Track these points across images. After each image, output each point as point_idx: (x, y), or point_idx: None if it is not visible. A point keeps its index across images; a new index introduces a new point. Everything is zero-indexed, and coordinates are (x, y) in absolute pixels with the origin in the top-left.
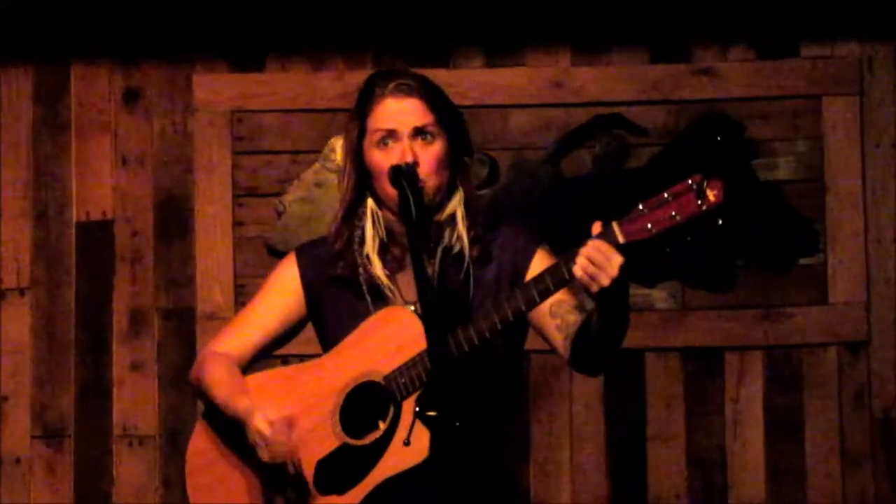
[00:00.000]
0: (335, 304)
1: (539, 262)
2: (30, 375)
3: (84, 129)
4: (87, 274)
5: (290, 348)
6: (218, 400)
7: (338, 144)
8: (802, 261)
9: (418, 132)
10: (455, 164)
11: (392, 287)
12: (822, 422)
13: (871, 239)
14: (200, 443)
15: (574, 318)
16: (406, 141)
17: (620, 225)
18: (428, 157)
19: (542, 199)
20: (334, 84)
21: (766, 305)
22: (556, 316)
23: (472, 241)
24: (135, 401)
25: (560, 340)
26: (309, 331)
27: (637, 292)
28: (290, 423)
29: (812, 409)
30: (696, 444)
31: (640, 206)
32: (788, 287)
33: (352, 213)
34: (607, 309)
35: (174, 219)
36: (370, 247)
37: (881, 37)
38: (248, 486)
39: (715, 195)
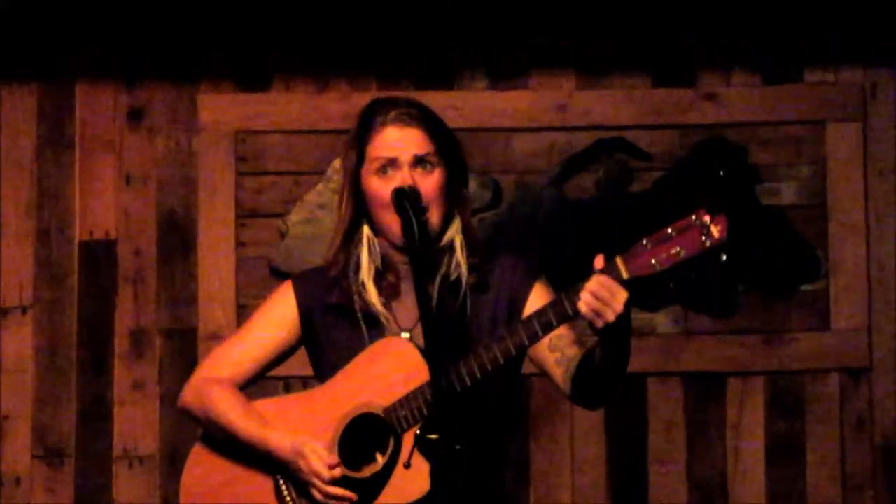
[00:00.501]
0: (331, 331)
1: (537, 295)
2: (31, 394)
3: (88, 147)
4: (90, 293)
5: (291, 369)
6: (242, 434)
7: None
8: (804, 287)
9: (419, 161)
10: (453, 193)
11: (387, 315)
12: (823, 448)
13: (874, 265)
14: (198, 470)
15: (573, 352)
16: (406, 169)
17: (624, 260)
18: (428, 186)
19: (545, 222)
20: (339, 105)
21: (768, 331)
22: (556, 349)
23: (469, 269)
24: (136, 421)
25: (560, 374)
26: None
27: (639, 317)
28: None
29: (813, 436)
30: (698, 469)
31: (644, 242)
32: (790, 313)
33: (348, 240)
34: (610, 344)
35: (177, 238)
36: (365, 274)
37: (885, 63)
38: None
39: (719, 231)
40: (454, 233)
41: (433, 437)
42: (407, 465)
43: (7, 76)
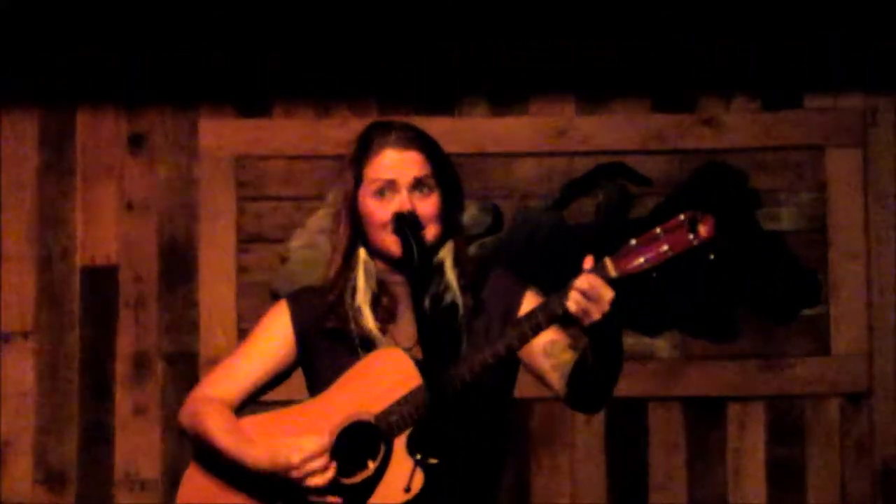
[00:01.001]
0: (327, 356)
1: (528, 303)
2: (32, 419)
3: (89, 174)
4: (91, 318)
5: (293, 394)
6: (225, 451)
7: None
8: (804, 311)
9: (417, 184)
10: (448, 217)
11: (383, 339)
12: (823, 473)
13: (874, 290)
14: (192, 485)
15: (568, 357)
16: (405, 192)
17: (613, 260)
18: (426, 209)
19: (545, 247)
20: (339, 131)
21: (767, 356)
22: (551, 356)
23: (462, 291)
24: (137, 445)
25: (556, 379)
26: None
27: (639, 341)
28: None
29: (813, 460)
30: (698, 494)
31: (633, 242)
32: (790, 337)
33: (346, 263)
34: (600, 344)
35: (178, 264)
36: (362, 298)
37: (884, 88)
38: None
39: (706, 230)
40: (445, 254)
41: (433, 461)
42: (407, 490)
43: (8, 102)
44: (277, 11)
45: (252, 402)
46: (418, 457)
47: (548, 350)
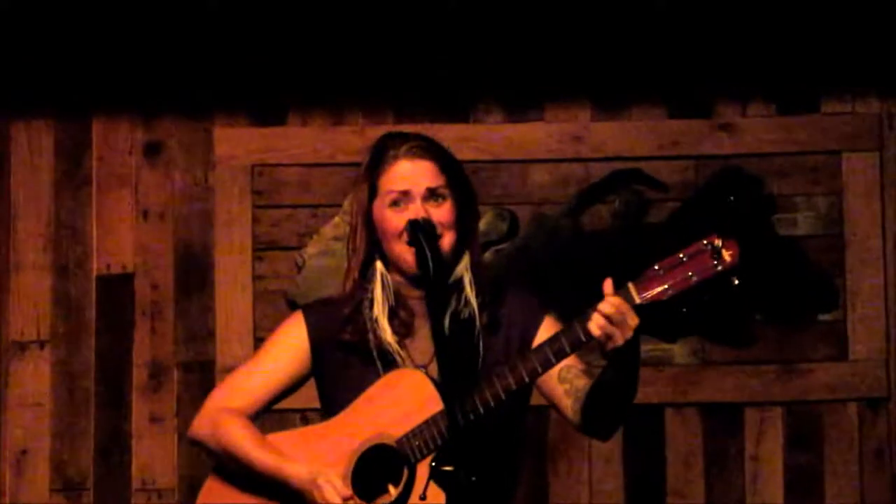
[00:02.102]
0: (343, 368)
1: (546, 330)
2: (49, 428)
3: (105, 182)
4: (107, 327)
5: (310, 401)
6: (257, 464)
7: None
8: (822, 317)
9: (431, 193)
10: (463, 227)
11: (401, 353)
12: (842, 478)
13: (892, 295)
14: (212, 497)
15: (583, 383)
16: (419, 202)
17: (637, 285)
18: (440, 216)
19: (561, 253)
20: (354, 139)
21: (785, 361)
22: (565, 381)
23: (480, 308)
24: (154, 454)
25: (569, 404)
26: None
27: (657, 347)
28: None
29: (832, 466)
30: (716, 501)
31: (656, 267)
32: (808, 343)
33: (362, 275)
34: (619, 368)
35: (194, 272)
36: (379, 311)
37: None
38: None
39: (731, 255)
40: (463, 269)
41: (448, 468)
42: (422, 497)
43: (24, 112)
44: (292, 19)
45: (265, 412)
46: (433, 464)
47: (563, 375)
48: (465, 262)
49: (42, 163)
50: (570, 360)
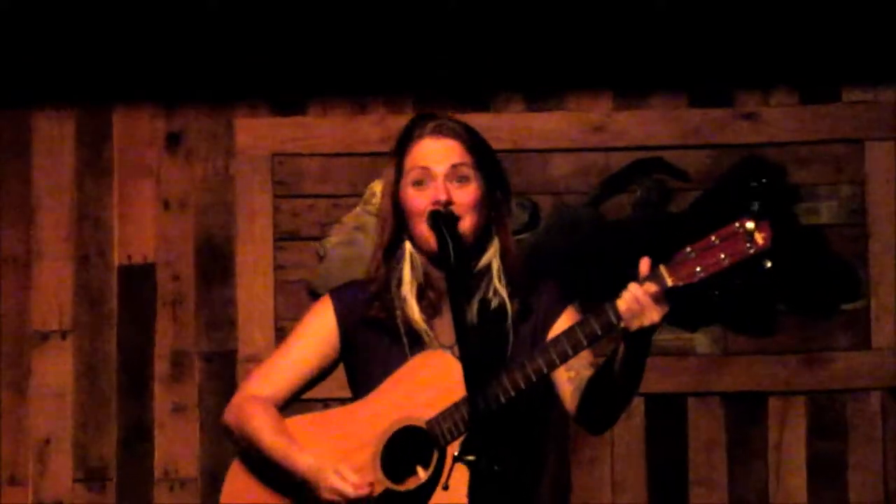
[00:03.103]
0: (371, 347)
1: (566, 321)
2: (71, 418)
3: (126, 172)
4: (129, 317)
5: (332, 392)
6: (270, 451)
7: (378, 188)
8: (845, 306)
9: (454, 172)
10: (491, 211)
11: (429, 331)
12: (864, 467)
13: None
14: (236, 484)
15: (588, 374)
16: (441, 180)
17: (669, 269)
18: (462, 198)
19: (583, 243)
20: (375, 128)
21: (808, 350)
22: (572, 368)
23: (511, 296)
24: (176, 444)
25: (569, 391)
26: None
27: (679, 337)
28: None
29: (855, 455)
30: (739, 490)
31: (689, 250)
32: (831, 332)
33: (390, 255)
34: (630, 354)
35: (215, 262)
36: (408, 290)
37: None
38: None
39: (763, 238)
40: (492, 256)
41: (471, 458)
42: (445, 487)
43: (45, 102)
44: (314, 9)
45: (297, 399)
46: (468, 458)
47: (570, 363)
48: (495, 248)
49: (64, 153)
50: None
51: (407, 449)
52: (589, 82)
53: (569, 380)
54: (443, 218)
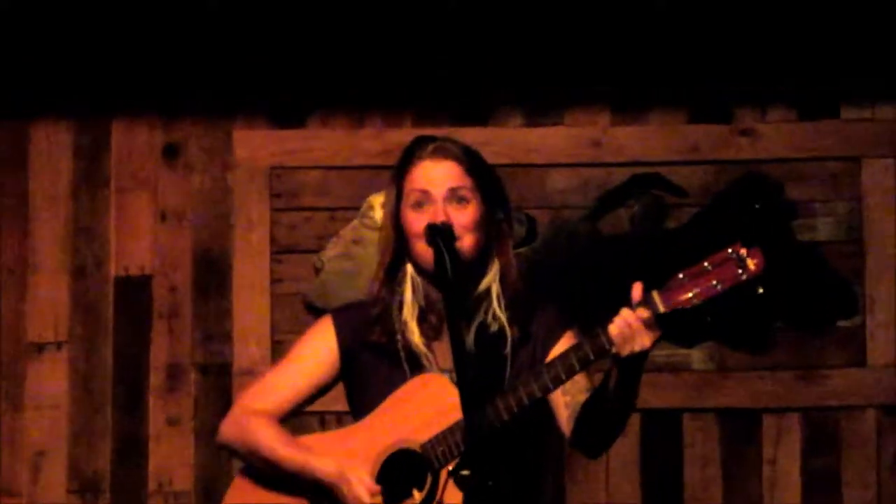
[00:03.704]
0: (371, 370)
1: (563, 346)
2: (66, 430)
3: (124, 184)
4: (125, 329)
5: (327, 405)
6: (285, 462)
7: (376, 202)
8: (841, 323)
9: (452, 195)
10: (491, 232)
11: (429, 355)
12: (859, 485)
13: None
14: (237, 501)
15: (583, 399)
16: (440, 203)
17: (661, 295)
18: (460, 219)
19: (580, 257)
20: (374, 142)
21: (804, 367)
22: (568, 393)
23: (510, 321)
24: (171, 456)
25: (565, 416)
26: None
27: (674, 353)
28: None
29: (849, 472)
30: None
31: (681, 276)
32: (826, 349)
33: (391, 277)
34: (624, 378)
35: (212, 275)
36: (409, 314)
37: None
38: None
39: (756, 264)
40: (491, 280)
41: (466, 473)
42: (440, 502)
43: (44, 113)
44: (313, 22)
45: (293, 417)
46: (463, 473)
47: (566, 388)
48: (495, 271)
49: (61, 164)
50: (577, 376)
51: (402, 471)
52: (587, 98)
53: (565, 405)
54: (440, 232)
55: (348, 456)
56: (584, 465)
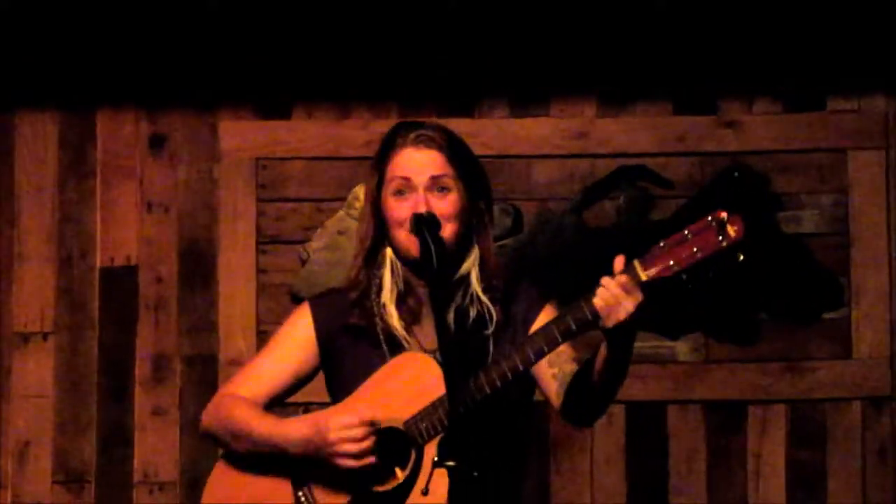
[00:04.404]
0: (350, 353)
1: (546, 316)
2: (52, 420)
3: (109, 174)
4: (111, 319)
5: (312, 396)
6: (260, 435)
7: (362, 193)
8: (826, 315)
9: (434, 183)
10: (472, 220)
11: (408, 339)
12: (844, 477)
13: None
14: (218, 490)
15: (571, 368)
16: (421, 191)
17: (642, 262)
18: (442, 208)
19: (566, 249)
20: (359, 133)
21: (789, 359)
22: (554, 365)
23: (491, 303)
24: (156, 447)
25: (554, 388)
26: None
27: (660, 344)
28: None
29: (835, 464)
30: (718, 498)
31: (661, 244)
32: (812, 341)
33: (370, 261)
34: (615, 347)
35: (198, 265)
36: (388, 297)
37: None
38: None
39: (735, 230)
40: (470, 265)
41: (451, 463)
42: (425, 492)
43: (29, 104)
44: (297, 13)
45: (276, 406)
46: (436, 459)
47: (552, 359)
48: (474, 257)
49: (46, 155)
50: (562, 346)
51: (385, 450)
52: (573, 89)
53: (553, 376)
54: (425, 222)
55: None
56: (570, 457)
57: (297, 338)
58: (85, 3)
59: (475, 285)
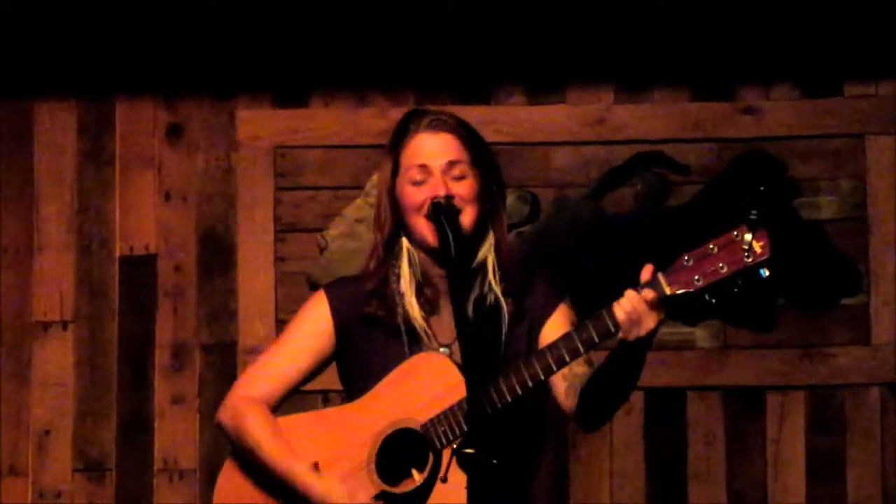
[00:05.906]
0: (367, 343)
1: (558, 317)
2: (72, 408)
3: (128, 163)
4: (130, 308)
5: (330, 383)
6: (269, 459)
7: None
8: (845, 301)
9: (450, 168)
10: (487, 207)
11: (427, 329)
12: (863, 463)
13: None
14: (229, 484)
15: (581, 370)
16: (439, 175)
17: (667, 277)
18: (460, 191)
19: (583, 236)
20: (377, 120)
21: (808, 345)
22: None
23: (505, 294)
24: (176, 435)
25: (563, 388)
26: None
27: (679, 331)
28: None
29: (854, 450)
30: (737, 485)
31: (686, 258)
32: (831, 327)
33: (387, 251)
34: (629, 359)
35: (217, 254)
36: (406, 286)
37: None
38: None
39: (762, 247)
40: (487, 251)
41: (469, 451)
42: (444, 480)
43: (47, 92)
44: (315, 2)
45: (293, 394)
46: (467, 451)
47: None
48: (490, 243)
49: (65, 143)
50: None
51: (402, 451)
52: (590, 75)
53: (563, 377)
54: (444, 210)
55: (344, 436)
56: (589, 444)
57: (313, 326)
58: None
59: (491, 275)
